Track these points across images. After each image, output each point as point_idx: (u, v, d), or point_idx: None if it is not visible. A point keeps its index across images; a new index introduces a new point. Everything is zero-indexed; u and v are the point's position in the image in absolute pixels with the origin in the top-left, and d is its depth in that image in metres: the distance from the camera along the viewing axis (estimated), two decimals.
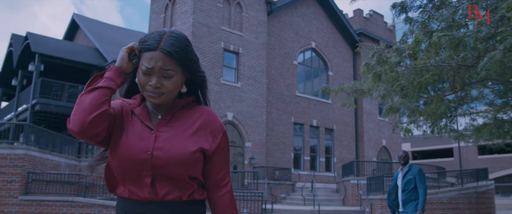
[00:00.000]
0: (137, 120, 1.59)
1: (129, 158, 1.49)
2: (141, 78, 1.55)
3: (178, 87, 1.59)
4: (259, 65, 19.69)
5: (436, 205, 14.17)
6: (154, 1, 20.68)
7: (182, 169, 1.50)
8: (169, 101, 1.63)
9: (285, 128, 20.87)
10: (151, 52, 1.53)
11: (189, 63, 1.59)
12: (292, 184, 18.79)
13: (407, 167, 6.43)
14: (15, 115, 22.12)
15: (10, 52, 23.79)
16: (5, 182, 11.02)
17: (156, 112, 1.62)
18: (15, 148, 11.45)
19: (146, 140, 1.52)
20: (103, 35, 25.71)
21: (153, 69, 1.53)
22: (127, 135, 1.54)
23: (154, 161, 1.49)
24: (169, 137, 1.54)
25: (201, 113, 1.64)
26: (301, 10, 22.98)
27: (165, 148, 1.51)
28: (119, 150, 1.51)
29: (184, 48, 1.57)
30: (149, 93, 1.53)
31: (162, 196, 1.50)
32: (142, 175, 1.50)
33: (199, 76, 1.67)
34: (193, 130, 1.58)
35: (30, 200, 11.03)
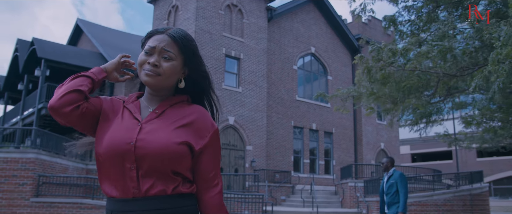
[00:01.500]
0: (127, 113, 1.59)
1: (112, 149, 1.47)
2: (142, 57, 1.58)
3: (175, 73, 1.59)
4: (259, 70, 20.20)
5: (431, 207, 14.63)
6: (157, 7, 21.20)
7: (165, 162, 1.47)
8: (163, 93, 1.63)
9: (285, 131, 21.36)
10: (157, 35, 1.60)
11: (192, 55, 1.63)
12: (292, 187, 19.28)
13: (391, 171, 6.81)
14: (21, 118, 22.61)
15: (16, 57, 24.28)
16: (17, 185, 11.54)
17: (149, 106, 1.62)
18: (26, 152, 11.96)
19: (131, 131, 1.51)
20: (107, 40, 26.22)
21: (155, 49, 1.57)
22: (113, 127, 1.53)
23: (137, 152, 1.46)
24: (154, 128, 1.52)
25: (193, 110, 1.62)
26: (300, 16, 23.49)
27: (148, 139, 1.49)
28: (103, 141, 1.50)
29: (189, 39, 1.62)
30: (146, 71, 1.55)
31: (145, 191, 1.46)
32: (127, 168, 1.47)
33: (201, 72, 1.68)
34: (180, 124, 1.55)
35: (41, 202, 11.54)
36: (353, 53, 25.82)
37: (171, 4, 20.13)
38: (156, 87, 1.58)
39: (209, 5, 18.89)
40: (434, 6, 7.25)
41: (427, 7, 7.41)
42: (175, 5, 19.97)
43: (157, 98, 1.63)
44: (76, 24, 29.02)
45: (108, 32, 29.04)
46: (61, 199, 11.86)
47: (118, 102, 1.64)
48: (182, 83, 1.63)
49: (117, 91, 22.60)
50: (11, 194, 11.51)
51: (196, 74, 1.67)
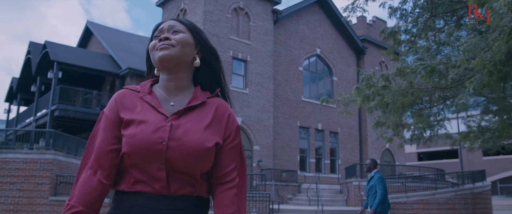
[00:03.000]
0: (149, 108, 1.52)
1: (142, 148, 1.41)
2: (153, 42, 1.58)
3: (188, 45, 1.57)
4: (266, 72, 20.69)
5: (433, 206, 15.05)
6: (165, 10, 21.74)
7: (197, 163, 1.44)
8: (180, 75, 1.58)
9: (291, 131, 21.84)
10: (163, 23, 1.62)
11: (199, 32, 1.64)
12: (298, 185, 19.77)
13: (372, 173, 7.13)
14: (34, 119, 23.23)
15: (28, 59, 24.93)
16: (37, 184, 12.14)
17: (168, 97, 1.57)
18: (44, 153, 12.55)
19: (161, 130, 1.44)
20: (116, 42, 26.81)
21: (162, 29, 1.58)
22: (139, 123, 1.46)
23: (169, 153, 1.42)
24: (186, 128, 1.47)
25: (215, 104, 1.60)
26: (306, 18, 23.95)
27: (181, 139, 1.44)
28: (131, 140, 1.43)
29: (194, 23, 1.66)
30: (160, 46, 1.52)
31: (174, 191, 1.44)
32: (155, 168, 1.42)
33: (210, 49, 1.65)
34: (208, 123, 1.52)
35: (59, 201, 12.13)
36: (358, 54, 26.26)
37: (180, 8, 20.66)
38: (172, 61, 1.52)
39: (217, 8, 19.40)
40: (429, 15, 7.71)
41: (423, 16, 7.88)
42: (183, 9, 20.50)
43: (175, 86, 1.58)
44: (86, 27, 29.63)
45: (117, 34, 29.64)
46: None
47: (132, 95, 1.57)
48: (198, 61, 1.59)
49: None
50: (31, 193, 12.12)
51: (206, 50, 1.64)
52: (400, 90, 7.42)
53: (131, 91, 1.58)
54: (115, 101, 1.55)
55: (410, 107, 7.69)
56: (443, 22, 8.05)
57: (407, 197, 14.61)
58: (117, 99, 1.55)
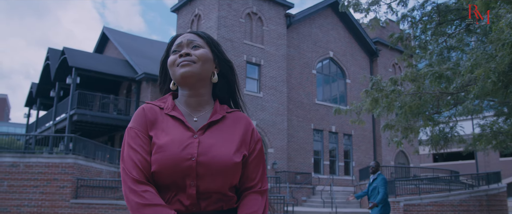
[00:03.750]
0: (174, 123, 1.53)
1: (172, 165, 1.41)
2: (172, 57, 1.56)
3: (208, 60, 1.57)
4: (279, 75, 20.94)
5: (447, 208, 15.07)
6: (180, 16, 22.13)
7: (226, 177, 1.45)
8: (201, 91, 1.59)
9: (305, 134, 22.04)
10: (180, 36, 1.62)
11: (217, 45, 1.64)
12: (312, 188, 19.96)
13: (376, 175, 7.49)
14: (54, 124, 23.80)
15: (47, 65, 25.54)
16: (58, 187, 12.57)
17: (190, 113, 1.57)
18: (65, 158, 12.98)
19: (190, 146, 1.45)
20: (132, 47, 27.31)
21: (181, 44, 1.57)
22: (166, 140, 1.46)
23: (198, 169, 1.42)
24: (213, 143, 1.48)
25: (238, 118, 1.61)
26: (319, 21, 24.14)
27: (210, 154, 1.44)
28: (160, 157, 1.43)
29: (211, 36, 1.66)
30: (180, 63, 1.52)
31: (205, 206, 1.45)
32: (186, 185, 1.42)
33: (227, 62, 1.66)
34: (233, 137, 1.53)
35: (80, 203, 12.53)
36: (371, 57, 26.36)
37: (194, 14, 21.03)
38: (193, 78, 1.53)
39: (230, 14, 19.71)
40: (437, 23, 7.89)
41: (432, 23, 8.06)
42: (197, 14, 20.86)
43: (196, 101, 1.58)
44: (102, 32, 30.23)
45: (133, 39, 30.17)
46: (97, 200, 12.84)
47: (157, 111, 1.56)
48: (215, 77, 1.60)
49: (143, 96, 23.64)
50: (53, 196, 12.56)
51: (224, 64, 1.65)
52: (408, 95, 7.62)
53: (156, 107, 1.57)
54: (142, 117, 1.53)
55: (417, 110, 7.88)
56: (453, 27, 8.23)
57: (421, 199, 14.69)
58: (144, 115, 1.54)
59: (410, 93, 7.55)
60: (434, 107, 8.12)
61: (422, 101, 7.62)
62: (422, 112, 8.17)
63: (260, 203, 1.54)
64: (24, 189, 12.58)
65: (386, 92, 7.66)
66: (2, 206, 12.43)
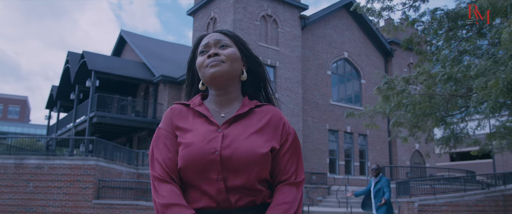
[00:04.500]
0: (200, 120, 1.53)
1: (196, 160, 1.41)
2: (200, 59, 1.57)
3: (236, 59, 1.57)
4: (294, 77, 21.17)
5: (463, 208, 15.11)
6: (196, 19, 22.51)
7: (253, 170, 1.42)
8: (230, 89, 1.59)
9: (321, 134, 22.24)
10: (206, 36, 1.62)
11: (244, 43, 1.63)
12: (328, 188, 20.15)
13: (378, 178, 7.91)
14: (74, 125, 24.39)
15: (67, 68, 26.17)
16: (81, 189, 13.02)
17: (218, 110, 1.57)
18: (88, 160, 13.44)
19: (213, 140, 1.44)
20: (149, 50, 27.81)
21: (208, 44, 1.57)
22: (191, 136, 1.47)
23: (223, 162, 1.41)
24: (237, 135, 1.47)
25: (267, 111, 1.58)
26: (333, 22, 24.30)
27: (234, 147, 1.43)
28: (184, 153, 1.44)
29: (237, 34, 1.65)
30: (209, 63, 1.52)
31: (235, 201, 1.42)
32: (213, 180, 1.41)
33: (255, 59, 1.65)
34: (259, 129, 1.51)
35: (102, 204, 12.96)
36: (386, 57, 26.42)
37: (210, 17, 21.38)
38: (223, 78, 1.53)
39: (246, 16, 20.01)
40: (447, 29, 8.06)
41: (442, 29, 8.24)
42: (213, 17, 21.20)
43: (226, 99, 1.59)
44: (119, 35, 30.82)
45: (150, 42, 30.70)
46: (118, 200, 13.25)
47: (184, 109, 1.58)
48: (245, 75, 1.60)
49: (160, 98, 24.10)
50: (76, 197, 13.02)
51: (252, 60, 1.64)
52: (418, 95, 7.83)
53: (183, 106, 1.59)
54: (169, 117, 1.56)
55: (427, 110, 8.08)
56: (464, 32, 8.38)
57: (436, 199, 14.79)
58: (170, 115, 1.57)
59: (421, 94, 7.76)
60: (444, 108, 8.30)
61: (432, 103, 7.82)
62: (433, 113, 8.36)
63: (294, 194, 1.48)
64: (48, 189, 13.07)
65: (398, 90, 7.90)
66: (28, 206, 12.94)
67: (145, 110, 24.44)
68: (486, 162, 45.91)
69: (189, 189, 1.47)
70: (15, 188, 13.09)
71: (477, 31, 7.86)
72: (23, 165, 13.29)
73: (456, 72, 6.56)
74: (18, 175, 13.19)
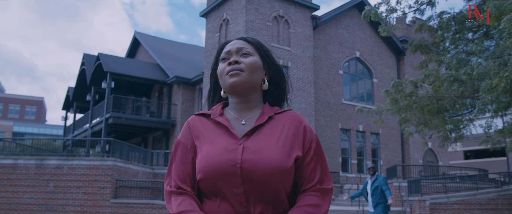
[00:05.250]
0: (221, 131, 1.49)
1: (215, 171, 1.38)
2: (221, 66, 1.55)
3: (257, 68, 1.54)
4: (306, 76, 21.38)
5: (475, 206, 15.16)
6: (209, 21, 22.82)
7: (276, 182, 1.38)
8: (251, 98, 1.56)
9: (333, 133, 22.42)
10: (229, 43, 1.60)
11: (267, 51, 1.60)
12: (340, 186, 20.34)
13: (375, 176, 8.18)
14: (90, 126, 24.91)
15: (83, 70, 26.71)
16: (99, 188, 13.44)
17: (238, 117, 1.54)
18: (105, 160, 13.85)
19: (233, 152, 1.40)
20: (163, 51, 28.25)
21: (230, 52, 1.55)
22: (211, 148, 1.44)
23: (244, 175, 1.36)
24: (259, 147, 1.42)
25: (288, 117, 1.54)
26: (345, 22, 24.44)
27: (255, 159, 1.38)
28: (204, 164, 1.40)
29: (261, 42, 1.62)
30: (230, 72, 1.50)
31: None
32: (233, 193, 1.37)
33: (278, 67, 1.63)
34: (282, 138, 1.46)
35: (119, 203, 13.35)
36: (398, 55, 26.47)
37: (222, 18, 21.68)
38: (242, 87, 1.50)
39: (258, 18, 20.27)
40: (454, 32, 8.23)
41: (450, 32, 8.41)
42: (226, 19, 21.50)
43: (246, 107, 1.56)
44: (134, 37, 31.30)
45: (163, 43, 31.14)
46: (135, 200, 13.64)
47: (204, 120, 1.55)
48: (266, 84, 1.57)
49: (174, 99, 24.48)
50: (94, 196, 13.44)
51: (274, 71, 1.62)
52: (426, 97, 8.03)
53: (203, 117, 1.56)
54: (189, 129, 1.54)
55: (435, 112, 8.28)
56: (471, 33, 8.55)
57: (448, 197, 14.88)
58: (190, 126, 1.54)
59: (428, 96, 7.96)
60: (450, 108, 8.49)
61: (439, 105, 8.01)
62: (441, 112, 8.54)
63: (318, 199, 1.44)
64: (68, 189, 13.51)
65: (406, 93, 8.13)
66: (49, 205, 13.39)
67: (159, 110, 24.86)
68: (500, 160, 45.59)
69: (208, 201, 1.44)
70: (36, 187, 13.56)
71: (484, 33, 8.01)
72: (43, 165, 13.76)
73: (462, 74, 6.74)
74: (39, 175, 13.66)
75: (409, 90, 8.10)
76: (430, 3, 9.48)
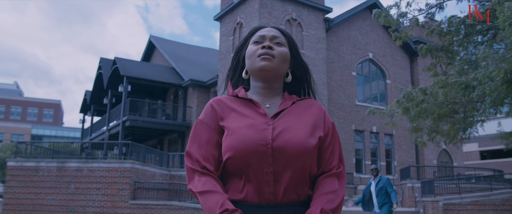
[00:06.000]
0: (248, 110, 1.52)
1: (246, 150, 1.39)
2: (252, 47, 1.57)
3: (286, 60, 1.57)
4: (320, 78, 21.56)
5: (489, 207, 15.17)
6: (223, 24, 23.16)
7: (303, 162, 1.41)
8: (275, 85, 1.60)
9: (347, 135, 22.55)
10: (264, 28, 1.63)
11: (296, 46, 1.64)
12: (354, 187, 20.48)
13: (378, 177, 8.38)
14: (107, 129, 25.41)
15: (99, 74, 27.26)
16: (118, 190, 13.84)
17: (262, 101, 1.57)
18: (124, 162, 14.25)
19: (264, 131, 1.43)
20: (178, 54, 28.67)
21: (265, 37, 1.58)
22: (240, 127, 1.45)
23: (275, 155, 1.40)
24: (287, 128, 1.46)
25: (309, 104, 1.60)
26: (357, 24, 24.56)
27: (285, 139, 1.42)
28: (233, 143, 1.41)
29: (292, 37, 1.66)
30: (261, 55, 1.52)
31: (282, 196, 1.40)
32: (263, 172, 1.39)
33: (303, 64, 1.66)
34: (306, 121, 1.51)
35: (138, 204, 13.74)
36: (411, 56, 26.50)
37: (236, 22, 21.99)
38: (271, 73, 1.54)
39: (271, 21, 20.52)
40: (463, 35, 8.38)
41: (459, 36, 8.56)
42: (239, 22, 21.81)
43: (269, 92, 1.60)
44: (149, 41, 31.81)
45: (178, 47, 31.59)
46: (152, 201, 14.01)
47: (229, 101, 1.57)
48: (289, 77, 1.61)
49: (189, 102, 24.87)
50: (113, 197, 13.84)
51: (299, 66, 1.65)
52: (436, 103, 8.20)
53: (227, 98, 1.59)
54: (213, 109, 1.54)
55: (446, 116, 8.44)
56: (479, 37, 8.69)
57: (461, 198, 14.94)
58: (214, 107, 1.55)
59: (438, 102, 8.13)
60: (461, 112, 8.63)
61: (449, 110, 8.17)
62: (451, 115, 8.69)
63: (337, 184, 1.49)
64: (88, 191, 13.94)
65: (417, 102, 8.31)
66: (70, 206, 13.84)
67: (175, 113, 25.26)
68: None
69: (233, 179, 1.46)
70: (58, 189, 14.02)
71: (493, 36, 8.15)
72: (64, 168, 14.22)
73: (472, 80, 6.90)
74: (60, 177, 14.12)
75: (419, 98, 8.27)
76: (440, 6, 9.65)
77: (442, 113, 8.04)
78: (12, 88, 78.50)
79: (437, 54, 9.31)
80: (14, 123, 65.64)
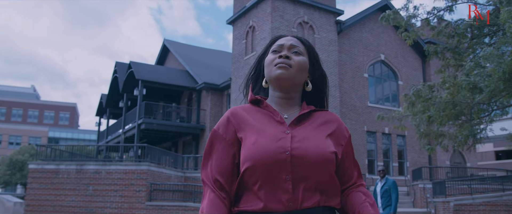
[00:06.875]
0: (267, 120, 1.53)
1: (265, 159, 1.40)
2: (270, 56, 1.59)
3: (304, 69, 1.59)
4: (331, 81, 21.76)
5: (501, 207, 15.20)
6: (235, 28, 23.51)
7: (321, 171, 1.43)
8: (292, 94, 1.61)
9: (359, 136, 22.71)
10: (283, 37, 1.63)
11: (316, 56, 1.65)
12: (367, 188, 20.61)
13: (385, 179, 8.56)
14: (123, 132, 25.92)
15: (115, 78, 27.82)
16: (134, 191, 14.25)
17: (281, 111, 1.57)
18: (140, 165, 14.67)
19: (282, 140, 1.44)
20: (191, 58, 29.10)
21: (283, 46, 1.58)
22: (259, 136, 1.46)
23: (294, 162, 1.41)
24: (306, 136, 1.48)
25: (327, 116, 1.60)
26: (369, 26, 24.71)
27: (303, 147, 1.44)
28: (252, 152, 1.42)
29: (312, 45, 1.67)
30: (278, 64, 1.53)
31: (301, 202, 1.40)
32: (281, 180, 1.40)
33: (322, 72, 1.67)
34: (326, 132, 1.53)
35: (154, 205, 14.13)
36: (423, 57, 26.53)
37: (249, 25, 22.32)
38: (288, 82, 1.56)
39: (283, 24, 20.81)
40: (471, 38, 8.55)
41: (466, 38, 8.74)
42: (252, 26, 22.13)
43: (287, 102, 1.60)
44: (163, 44, 32.32)
45: (191, 50, 32.04)
46: (168, 202, 14.39)
47: (245, 111, 1.58)
48: (309, 86, 1.62)
49: (203, 105, 25.26)
50: (130, 199, 14.26)
51: (318, 75, 1.66)
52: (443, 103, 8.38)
53: (243, 108, 1.59)
54: (229, 121, 1.55)
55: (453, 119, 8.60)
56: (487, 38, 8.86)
57: (473, 199, 15.02)
58: (231, 119, 1.56)
59: (445, 101, 8.30)
60: (468, 114, 8.78)
61: (456, 111, 8.33)
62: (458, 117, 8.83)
63: (366, 192, 1.54)
64: (106, 193, 14.38)
65: (424, 98, 8.51)
66: (89, 208, 14.29)
67: (189, 115, 25.67)
68: None
69: (251, 189, 1.45)
70: (77, 191, 14.49)
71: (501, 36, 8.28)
72: (83, 170, 14.68)
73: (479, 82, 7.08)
74: (79, 180, 14.59)
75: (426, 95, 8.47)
76: (450, 9, 9.83)
77: (447, 113, 8.21)
78: (29, 92, 79.95)
79: (444, 56, 9.49)
80: (31, 125, 66.93)
